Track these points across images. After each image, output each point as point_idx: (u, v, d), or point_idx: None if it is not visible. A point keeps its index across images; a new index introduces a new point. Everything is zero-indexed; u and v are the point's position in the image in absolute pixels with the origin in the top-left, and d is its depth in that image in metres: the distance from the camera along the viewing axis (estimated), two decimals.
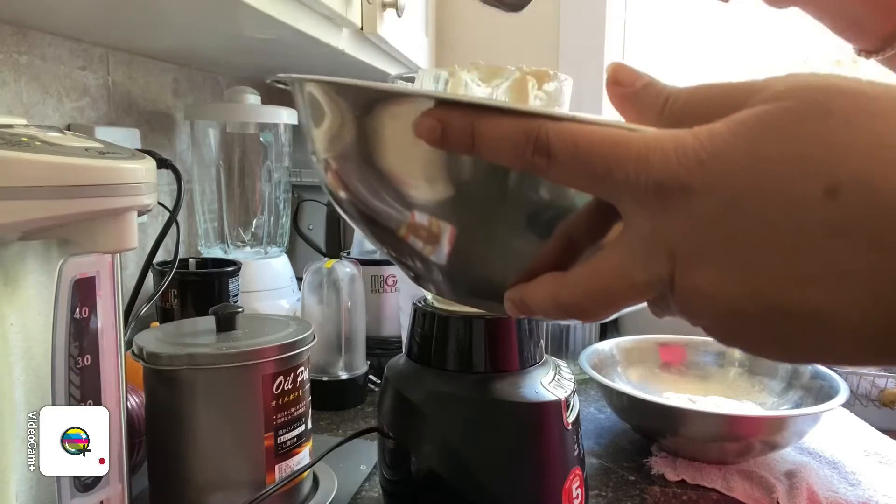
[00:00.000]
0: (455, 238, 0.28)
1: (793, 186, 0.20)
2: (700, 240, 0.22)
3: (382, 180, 0.28)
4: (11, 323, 0.35)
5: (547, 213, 0.27)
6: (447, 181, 0.27)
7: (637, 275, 0.23)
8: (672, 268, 0.22)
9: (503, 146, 0.23)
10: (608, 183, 0.22)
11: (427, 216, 0.28)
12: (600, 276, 0.24)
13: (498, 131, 0.23)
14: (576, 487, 0.48)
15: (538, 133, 0.23)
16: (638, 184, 0.22)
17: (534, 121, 0.23)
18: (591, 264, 0.24)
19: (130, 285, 0.62)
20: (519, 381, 0.48)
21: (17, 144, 0.33)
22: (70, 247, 0.37)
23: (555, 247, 0.27)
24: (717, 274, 0.21)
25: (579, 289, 0.24)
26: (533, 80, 0.56)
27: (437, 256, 0.30)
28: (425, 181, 0.27)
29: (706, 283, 0.22)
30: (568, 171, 0.23)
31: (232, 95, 0.98)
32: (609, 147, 0.22)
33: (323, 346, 0.78)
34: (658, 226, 0.22)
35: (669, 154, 0.21)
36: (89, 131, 0.82)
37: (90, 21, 0.75)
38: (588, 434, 0.71)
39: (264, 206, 1.05)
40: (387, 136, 0.27)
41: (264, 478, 0.50)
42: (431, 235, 0.29)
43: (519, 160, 0.23)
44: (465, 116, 0.24)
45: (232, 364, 0.48)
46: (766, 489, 0.59)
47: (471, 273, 0.31)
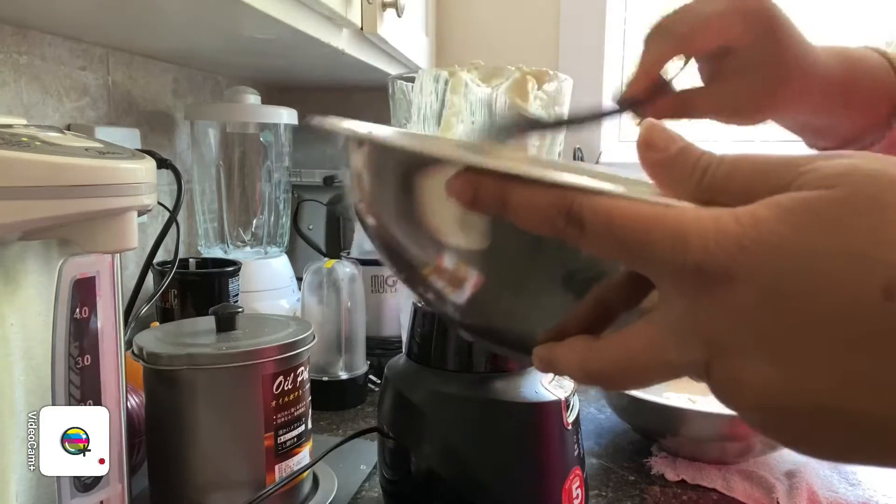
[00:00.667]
0: (480, 287, 0.28)
1: (846, 285, 0.19)
2: (740, 330, 0.21)
3: (413, 224, 0.28)
4: (11, 323, 0.35)
5: (581, 275, 0.26)
6: (480, 233, 0.27)
7: (670, 354, 0.22)
8: (709, 354, 0.21)
9: (535, 215, 0.23)
10: (643, 259, 0.22)
11: (455, 262, 0.28)
12: (632, 349, 0.23)
13: (530, 200, 0.23)
14: (576, 487, 0.48)
15: (571, 206, 0.22)
16: (674, 264, 0.21)
17: (566, 193, 0.22)
18: (623, 336, 0.24)
19: (130, 285, 0.62)
20: (519, 381, 0.48)
21: (16, 144, 0.33)
22: (70, 247, 0.37)
23: (587, 309, 0.26)
24: (760, 367, 0.21)
25: (609, 359, 0.24)
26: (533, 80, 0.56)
27: (458, 298, 0.29)
28: (458, 230, 0.27)
29: (748, 376, 0.21)
30: (601, 244, 0.22)
31: (232, 95, 0.98)
32: (644, 224, 0.21)
33: (323, 346, 0.78)
34: (694, 309, 0.21)
35: (709, 237, 0.20)
36: (89, 131, 0.82)
37: (90, 21, 0.75)
38: (588, 434, 0.71)
39: (264, 206, 1.05)
40: (421, 190, 0.27)
41: (264, 478, 0.50)
42: (456, 280, 0.28)
43: (551, 229, 0.23)
44: (496, 182, 0.23)
45: (232, 364, 0.48)
46: (766, 489, 0.59)
47: (492, 320, 0.31)
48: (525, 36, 1.32)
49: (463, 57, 1.32)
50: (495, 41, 1.33)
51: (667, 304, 0.22)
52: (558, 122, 0.53)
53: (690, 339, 0.22)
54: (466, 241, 0.27)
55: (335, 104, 1.37)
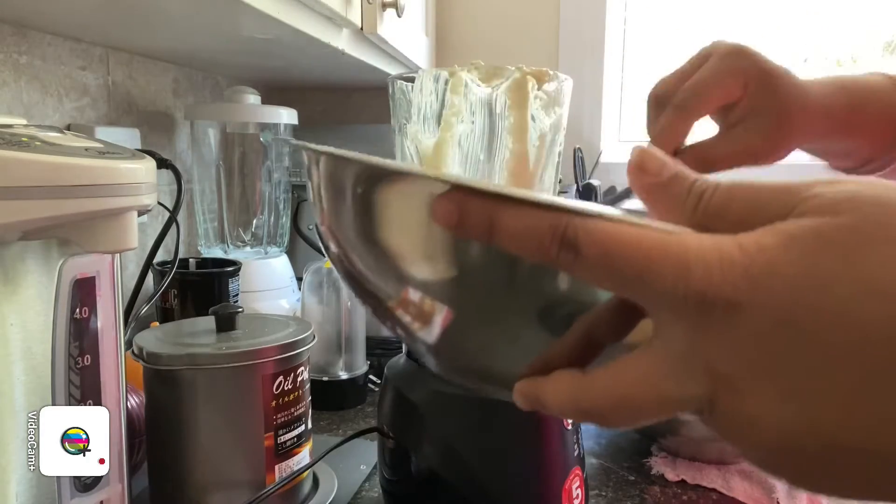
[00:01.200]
0: (451, 322, 0.26)
1: (863, 316, 0.18)
2: (748, 361, 0.20)
3: (374, 250, 0.26)
4: (11, 323, 0.35)
5: (563, 308, 0.25)
6: (450, 261, 0.25)
7: (668, 389, 0.21)
8: (713, 388, 0.20)
9: (525, 239, 0.22)
10: (641, 289, 0.21)
11: (421, 295, 0.26)
12: (626, 385, 0.22)
13: (521, 223, 0.22)
14: (576, 487, 0.48)
15: (565, 229, 0.21)
16: (676, 294, 0.20)
17: (561, 216, 0.21)
18: (615, 370, 0.22)
19: (130, 285, 0.62)
20: None
21: (16, 144, 0.33)
22: (70, 247, 0.37)
23: (572, 342, 0.25)
24: (772, 402, 0.20)
25: (601, 396, 0.22)
26: (533, 80, 0.56)
27: (427, 336, 0.28)
28: (425, 259, 0.25)
29: (760, 412, 0.20)
30: (596, 272, 0.21)
31: (232, 95, 0.98)
32: (644, 251, 0.20)
33: (323, 346, 0.78)
34: (697, 341, 0.20)
35: (713, 266, 0.20)
36: (89, 131, 0.82)
37: (90, 21, 0.75)
38: (588, 434, 0.71)
39: (264, 206, 1.05)
40: (389, 212, 0.25)
41: (264, 478, 0.50)
42: (423, 315, 0.27)
43: (542, 255, 0.22)
44: (485, 204, 0.22)
45: (232, 364, 0.48)
46: (766, 489, 0.59)
47: (466, 358, 0.29)
48: (525, 36, 1.32)
49: (463, 57, 1.32)
50: (495, 41, 1.33)
51: (664, 335, 0.21)
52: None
53: (692, 372, 0.21)
54: (432, 270, 0.25)
55: (335, 104, 1.37)
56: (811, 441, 0.20)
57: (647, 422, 0.22)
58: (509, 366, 0.26)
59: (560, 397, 0.23)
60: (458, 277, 0.25)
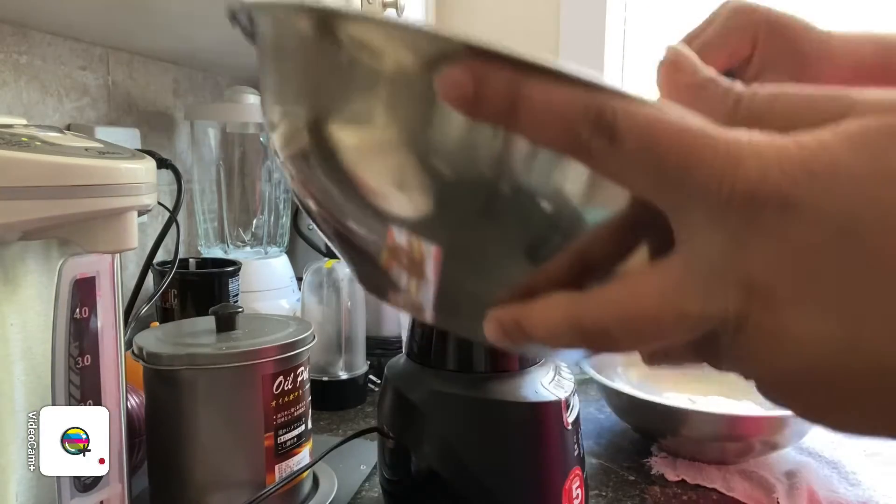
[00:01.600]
0: (443, 262, 0.23)
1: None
2: (793, 272, 0.17)
3: (343, 183, 0.23)
4: (11, 323, 0.35)
5: (552, 242, 0.22)
6: (421, 191, 0.21)
7: (690, 304, 0.19)
8: (746, 304, 0.18)
9: (554, 120, 0.18)
10: (677, 186, 0.18)
11: (406, 236, 0.23)
12: (640, 298, 0.19)
13: (551, 100, 0.18)
14: (576, 487, 0.48)
15: (603, 111, 0.18)
16: (720, 192, 0.17)
17: (598, 95, 0.18)
18: (625, 284, 0.20)
19: (130, 285, 0.62)
20: (519, 381, 0.48)
21: (16, 144, 0.33)
22: (70, 247, 0.37)
23: (564, 263, 0.22)
24: (816, 319, 0.17)
25: (609, 312, 0.20)
26: None
27: (424, 293, 0.24)
28: (395, 187, 0.22)
29: (800, 329, 0.18)
30: (631, 163, 0.18)
31: (232, 95, 0.98)
32: (690, 141, 0.18)
33: (323, 346, 0.78)
34: (735, 248, 0.18)
35: (769, 159, 0.17)
36: (89, 131, 0.82)
37: (90, 21, 0.75)
38: (588, 434, 0.71)
39: (264, 206, 1.05)
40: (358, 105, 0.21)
41: (264, 478, 0.50)
42: (414, 262, 0.23)
43: (569, 140, 0.18)
44: (508, 75, 0.18)
45: (232, 364, 0.48)
46: (766, 489, 0.59)
47: (466, 302, 0.25)
48: (525, 34, 1.32)
49: None
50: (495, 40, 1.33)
51: (693, 244, 0.19)
52: None
53: (724, 285, 0.18)
54: (408, 201, 0.22)
55: None
56: (853, 362, 0.17)
57: (658, 343, 0.20)
58: (483, 296, 0.23)
59: (552, 316, 0.21)
60: (436, 212, 0.22)
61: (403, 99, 0.20)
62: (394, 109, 0.20)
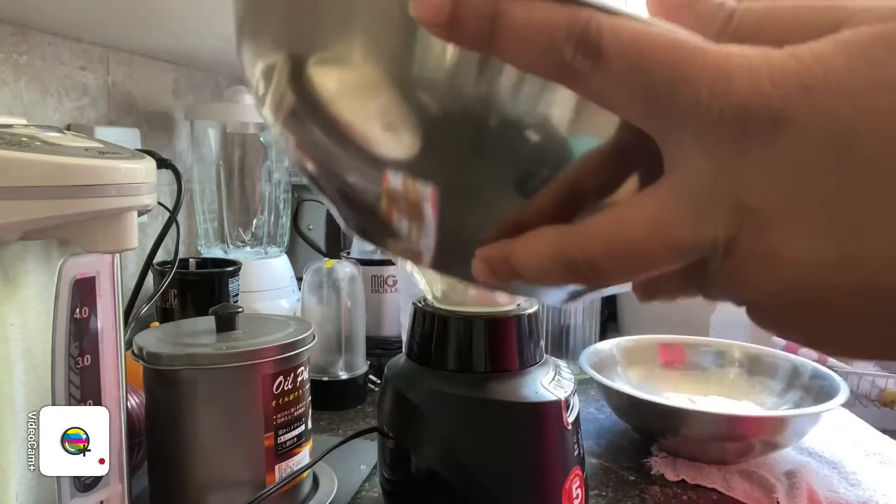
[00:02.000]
0: (441, 205, 0.23)
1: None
2: (786, 190, 0.17)
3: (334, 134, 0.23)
4: (11, 323, 0.35)
5: (540, 174, 0.21)
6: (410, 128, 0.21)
7: (681, 232, 0.18)
8: (736, 227, 0.17)
9: (536, 40, 0.17)
10: (665, 106, 0.17)
11: (402, 177, 0.23)
12: (629, 228, 0.18)
13: (532, 18, 0.17)
14: (576, 487, 0.48)
15: (587, 26, 0.17)
16: (710, 110, 0.17)
17: (580, 9, 0.17)
18: (613, 214, 0.19)
19: (130, 285, 0.62)
20: (519, 381, 0.48)
21: (17, 144, 0.33)
22: (70, 247, 0.37)
23: (553, 194, 0.21)
24: (808, 238, 0.17)
25: (596, 242, 0.19)
26: None
27: (427, 239, 0.25)
28: (384, 128, 0.21)
29: (791, 250, 0.17)
30: (617, 82, 0.17)
31: (232, 95, 0.98)
32: (679, 57, 0.17)
33: (323, 346, 0.78)
34: (724, 170, 0.17)
35: (760, 74, 0.16)
36: (89, 131, 0.82)
37: (90, 21, 0.75)
38: (588, 434, 0.71)
39: (264, 206, 1.05)
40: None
41: (264, 478, 0.50)
42: (412, 206, 0.23)
43: (552, 61, 0.18)
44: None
45: (232, 364, 0.48)
46: (766, 489, 0.59)
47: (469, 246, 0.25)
48: None
49: None
50: None
51: (682, 168, 0.18)
52: None
53: (712, 209, 0.18)
54: (398, 142, 0.21)
55: None
56: (845, 282, 0.17)
57: (647, 273, 0.19)
58: (470, 235, 0.23)
59: (539, 250, 0.20)
60: (428, 142, 0.21)
61: (381, 31, 0.20)
62: (372, 44, 0.20)
